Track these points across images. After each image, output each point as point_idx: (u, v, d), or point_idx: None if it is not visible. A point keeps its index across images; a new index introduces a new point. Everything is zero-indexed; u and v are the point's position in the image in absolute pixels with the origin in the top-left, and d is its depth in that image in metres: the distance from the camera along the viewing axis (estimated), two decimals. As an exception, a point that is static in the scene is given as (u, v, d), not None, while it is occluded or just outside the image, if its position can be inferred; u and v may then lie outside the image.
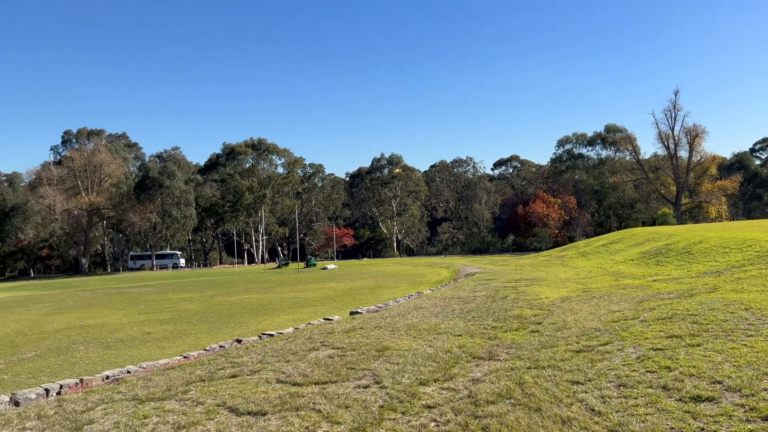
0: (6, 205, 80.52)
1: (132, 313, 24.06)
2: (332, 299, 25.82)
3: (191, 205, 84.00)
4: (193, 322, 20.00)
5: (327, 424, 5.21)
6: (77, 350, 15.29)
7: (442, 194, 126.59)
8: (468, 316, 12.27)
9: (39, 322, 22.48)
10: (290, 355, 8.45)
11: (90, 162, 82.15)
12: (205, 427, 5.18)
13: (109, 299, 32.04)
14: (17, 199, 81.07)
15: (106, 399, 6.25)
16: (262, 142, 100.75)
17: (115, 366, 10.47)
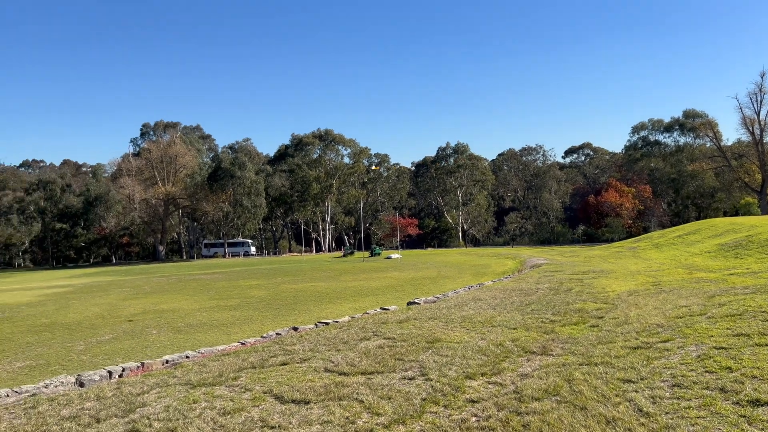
0: (90, 195, 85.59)
1: (203, 299, 25.07)
2: (394, 288, 25.94)
3: (261, 195, 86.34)
4: (260, 309, 20.63)
5: (367, 415, 5.23)
6: (150, 333, 16.07)
7: (510, 183, 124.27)
8: (527, 308, 12.01)
9: (117, 306, 23.79)
10: (341, 344, 8.55)
11: (166, 153, 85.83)
12: (249, 413, 5.32)
13: (182, 285, 33.51)
14: (100, 189, 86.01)
15: (162, 383, 6.53)
16: (329, 132, 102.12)
17: (184, 349, 10.90)
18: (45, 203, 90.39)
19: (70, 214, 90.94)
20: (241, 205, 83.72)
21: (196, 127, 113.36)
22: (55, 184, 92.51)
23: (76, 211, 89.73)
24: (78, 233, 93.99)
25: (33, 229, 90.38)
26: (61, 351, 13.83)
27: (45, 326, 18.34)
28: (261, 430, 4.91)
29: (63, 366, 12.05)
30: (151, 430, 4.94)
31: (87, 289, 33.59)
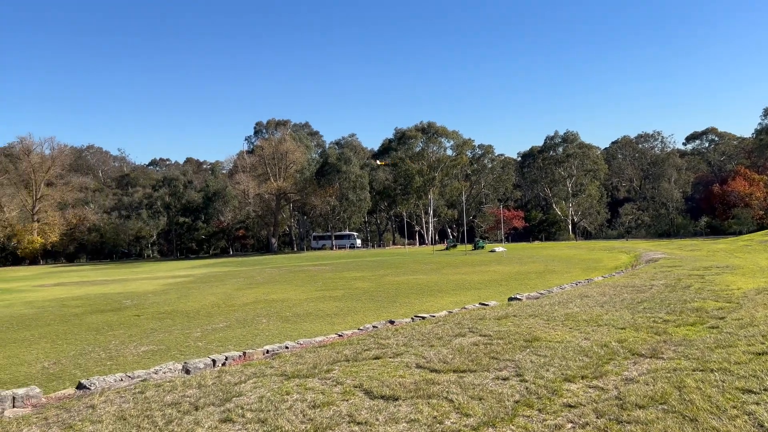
0: (209, 191, 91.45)
1: (310, 290, 25.93)
2: (497, 283, 25.40)
3: (366, 189, 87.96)
4: (363, 300, 21.00)
5: (456, 415, 5.08)
6: (260, 322, 16.81)
7: (625, 172, 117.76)
8: (638, 307, 11.25)
9: (231, 295, 25.15)
10: (435, 339, 8.43)
11: (277, 150, 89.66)
12: (338, 408, 5.35)
13: (291, 276, 34.87)
14: (218, 185, 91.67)
15: (259, 373, 6.75)
16: (431, 125, 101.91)
17: (291, 338, 11.26)
18: (170, 199, 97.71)
19: (191, 208, 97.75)
20: (347, 198, 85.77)
21: (304, 124, 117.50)
22: (179, 181, 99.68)
23: (197, 206, 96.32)
24: (199, 226, 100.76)
25: (160, 222, 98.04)
26: (180, 337, 14.76)
27: (167, 313, 19.73)
28: (348, 425, 4.91)
29: (181, 351, 12.84)
30: (243, 420, 5.10)
31: (205, 279, 35.82)
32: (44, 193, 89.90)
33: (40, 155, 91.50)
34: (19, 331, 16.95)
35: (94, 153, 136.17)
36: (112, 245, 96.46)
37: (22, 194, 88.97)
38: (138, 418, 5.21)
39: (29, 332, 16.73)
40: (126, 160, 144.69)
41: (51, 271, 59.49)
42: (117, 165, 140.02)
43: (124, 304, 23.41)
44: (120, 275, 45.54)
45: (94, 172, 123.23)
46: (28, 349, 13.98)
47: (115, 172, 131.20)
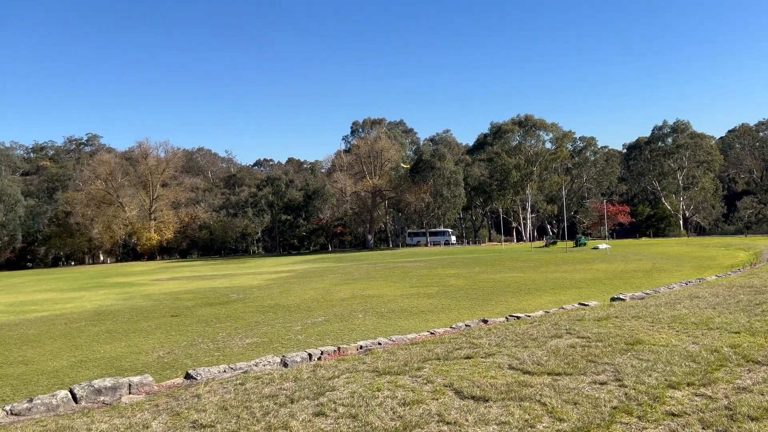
0: (309, 190, 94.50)
1: (404, 286, 26.14)
2: (599, 282, 24.37)
3: (460, 185, 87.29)
4: (457, 298, 20.88)
5: (548, 419, 4.94)
6: (357, 318, 17.18)
7: (743, 163, 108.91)
8: (755, 309, 10.39)
9: (330, 290, 25.87)
10: (529, 340, 8.22)
11: (373, 148, 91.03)
12: (428, 406, 5.37)
13: (387, 272, 35.31)
14: (317, 184, 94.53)
15: (351, 368, 6.90)
16: (528, 118, 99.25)
17: (386, 334, 11.42)
18: (273, 197, 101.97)
19: (293, 206, 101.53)
20: (441, 195, 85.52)
21: (399, 122, 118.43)
22: (281, 181, 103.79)
23: (298, 204, 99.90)
24: (300, 224, 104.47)
25: (264, 220, 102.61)
26: (282, 330, 15.38)
27: (270, 307, 20.64)
28: (437, 424, 4.92)
29: (282, 344, 13.38)
30: (335, 414, 5.24)
31: (306, 275, 37.07)
32: (160, 194, 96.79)
33: (156, 158, 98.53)
34: (139, 322, 18.39)
35: (203, 155, 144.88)
36: (220, 242, 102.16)
37: (140, 195, 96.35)
38: (238, 408, 5.50)
39: (147, 323, 18.10)
40: (233, 161, 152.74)
41: (166, 266, 63.99)
42: (225, 166, 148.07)
43: (231, 297, 24.74)
44: (228, 270, 48.16)
45: (204, 173, 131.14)
46: (146, 339, 15.14)
47: (223, 172, 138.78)
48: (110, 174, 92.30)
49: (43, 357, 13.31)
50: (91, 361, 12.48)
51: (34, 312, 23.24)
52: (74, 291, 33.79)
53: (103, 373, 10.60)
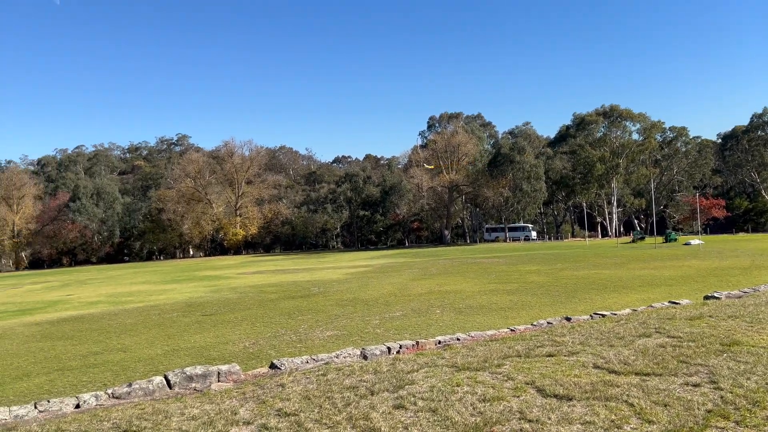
0: (386, 185, 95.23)
1: (483, 282, 25.82)
2: (692, 279, 23.06)
3: (541, 179, 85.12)
4: (538, 295, 20.40)
5: (637, 421, 4.74)
6: (434, 313, 17.16)
7: None
8: None
9: (407, 285, 25.97)
10: (615, 339, 7.91)
11: (449, 143, 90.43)
12: (509, 403, 5.28)
13: (464, 268, 35.00)
14: (394, 179, 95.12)
15: (430, 363, 6.90)
16: (614, 108, 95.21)
17: (464, 330, 11.35)
18: (351, 193, 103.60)
19: (370, 202, 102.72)
20: (521, 189, 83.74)
21: (477, 115, 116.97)
22: (359, 177, 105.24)
23: (376, 200, 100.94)
24: (377, 219, 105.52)
25: (343, 216, 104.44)
26: (360, 324, 15.62)
27: (349, 301, 21.00)
28: (518, 422, 4.84)
29: (361, 337, 13.59)
30: (414, 408, 5.26)
31: (383, 270, 37.40)
32: (245, 191, 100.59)
33: (241, 156, 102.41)
34: (226, 314, 19.23)
35: (285, 153, 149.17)
36: (301, 237, 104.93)
37: (227, 192, 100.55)
38: (320, 398, 5.64)
39: (233, 314, 18.90)
40: (313, 159, 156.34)
41: (251, 260, 66.46)
42: (305, 163, 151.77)
43: (312, 291, 25.37)
44: (308, 265, 49.40)
45: (285, 170, 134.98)
46: (232, 329, 15.81)
47: (304, 169, 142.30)
48: (199, 172, 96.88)
49: (139, 345, 14.20)
50: (182, 350, 13.18)
51: (131, 303, 24.82)
52: (167, 283, 35.78)
53: (193, 362, 11.16)
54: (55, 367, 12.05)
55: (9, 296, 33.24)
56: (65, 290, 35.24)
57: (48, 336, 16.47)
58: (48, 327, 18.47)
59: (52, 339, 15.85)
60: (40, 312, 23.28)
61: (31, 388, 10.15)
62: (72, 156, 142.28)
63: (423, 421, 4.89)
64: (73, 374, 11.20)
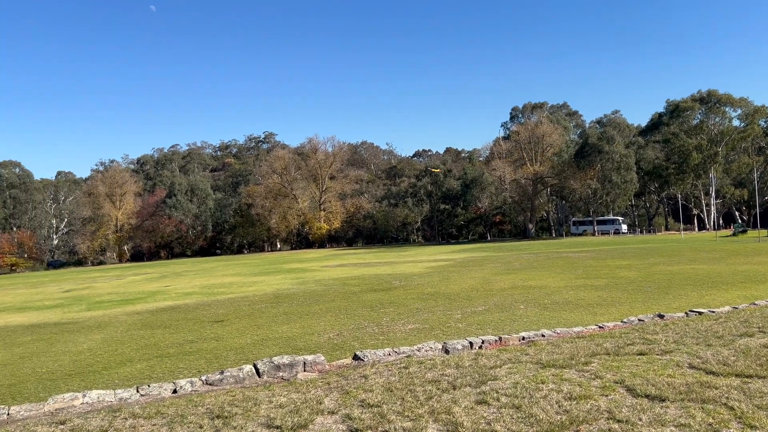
0: (467, 179, 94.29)
1: (569, 277, 25.01)
2: (802, 276, 21.30)
3: (632, 169, 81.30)
4: (629, 291, 19.52)
5: (737, 425, 4.45)
6: (518, 308, 16.80)
7: None
8: None
9: (489, 280, 25.59)
10: (714, 338, 7.44)
11: (533, 134, 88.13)
12: (596, 402, 5.10)
13: (549, 263, 34.04)
14: (475, 172, 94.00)
15: (514, 359, 6.79)
16: (712, 94, 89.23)
17: (549, 326, 11.09)
18: (432, 187, 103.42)
19: (451, 196, 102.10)
20: (610, 180, 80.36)
21: (562, 105, 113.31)
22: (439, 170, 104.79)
23: (456, 193, 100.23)
24: (458, 213, 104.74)
25: (423, 209, 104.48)
26: (442, 318, 15.56)
27: (430, 295, 20.97)
28: (606, 422, 4.66)
29: (443, 331, 13.54)
30: (497, 404, 5.20)
31: (464, 264, 37.07)
32: (328, 186, 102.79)
33: (325, 152, 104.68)
34: (311, 305, 19.75)
35: (366, 148, 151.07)
36: (383, 230, 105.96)
37: (311, 187, 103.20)
38: (402, 391, 5.69)
39: (318, 306, 19.38)
40: (393, 153, 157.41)
41: (334, 254, 67.88)
42: (386, 158, 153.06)
43: (393, 284, 25.57)
44: (389, 258, 49.80)
45: (367, 165, 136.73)
46: (317, 321, 16.22)
47: (385, 164, 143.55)
48: (285, 168, 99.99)
49: (230, 334, 14.86)
50: (270, 340, 13.68)
51: (223, 294, 26.01)
52: (255, 275, 37.21)
53: (281, 351, 11.56)
54: (155, 353, 12.84)
55: (113, 287, 35.74)
56: (163, 281, 37.46)
57: (148, 324, 17.58)
58: (148, 316, 19.72)
59: (152, 327, 16.90)
60: (140, 302, 24.89)
61: (134, 373, 10.86)
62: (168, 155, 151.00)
63: (506, 418, 4.83)
64: (171, 361, 11.89)
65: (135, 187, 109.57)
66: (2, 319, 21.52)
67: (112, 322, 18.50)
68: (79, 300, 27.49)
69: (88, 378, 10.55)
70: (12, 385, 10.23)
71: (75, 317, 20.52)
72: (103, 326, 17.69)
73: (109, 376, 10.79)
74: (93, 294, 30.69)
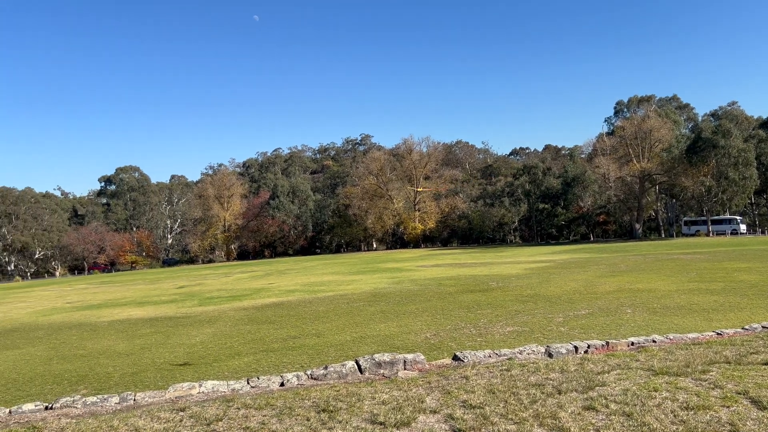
0: (568, 177, 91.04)
1: (680, 281, 23.51)
2: None
3: (751, 165, 75.04)
4: (749, 296, 18.06)
5: None
6: (625, 312, 16.04)
7: None
8: None
9: (593, 282, 24.56)
10: None
11: (640, 129, 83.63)
12: (716, 413, 4.76)
13: (658, 265, 32.13)
14: (577, 170, 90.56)
15: (623, 365, 6.47)
16: None
17: (659, 332, 10.53)
18: (530, 186, 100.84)
19: (550, 195, 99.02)
20: (726, 177, 74.59)
21: (672, 97, 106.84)
22: (537, 168, 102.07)
23: (556, 192, 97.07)
24: (558, 212, 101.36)
25: (520, 209, 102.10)
26: (543, 321, 15.15)
27: (529, 297, 20.46)
28: (728, 435, 4.35)
29: (543, 335, 13.17)
30: (606, 410, 4.98)
31: (565, 265, 35.81)
32: (422, 186, 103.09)
33: (419, 153, 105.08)
34: (408, 305, 19.89)
35: (461, 147, 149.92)
36: (478, 231, 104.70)
37: (406, 187, 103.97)
38: (505, 393, 5.60)
39: (414, 306, 19.49)
40: (489, 152, 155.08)
41: (429, 254, 67.91)
42: (481, 157, 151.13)
43: (490, 285, 25.19)
44: (486, 259, 49.10)
45: (462, 164, 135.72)
46: (414, 320, 16.32)
47: (480, 163, 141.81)
48: (380, 169, 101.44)
49: (330, 331, 15.29)
50: (368, 338, 13.93)
51: (323, 292, 26.80)
52: (353, 274, 38.01)
53: (379, 349, 11.74)
54: (260, 348, 13.47)
55: (222, 284, 37.84)
56: (267, 279, 39.17)
57: (254, 320, 18.46)
58: (254, 312, 20.71)
59: (257, 323, 17.73)
60: (247, 298, 26.17)
61: (242, 366, 11.45)
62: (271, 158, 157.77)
63: (616, 425, 4.62)
64: (275, 355, 12.42)
65: (241, 189, 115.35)
66: (125, 312, 23.43)
67: (221, 317, 19.60)
68: (192, 296, 29.37)
69: (200, 369, 11.24)
70: (134, 374, 11.11)
71: (188, 312, 21.96)
72: (213, 321, 18.79)
73: (219, 367, 11.44)
74: (204, 290, 32.68)
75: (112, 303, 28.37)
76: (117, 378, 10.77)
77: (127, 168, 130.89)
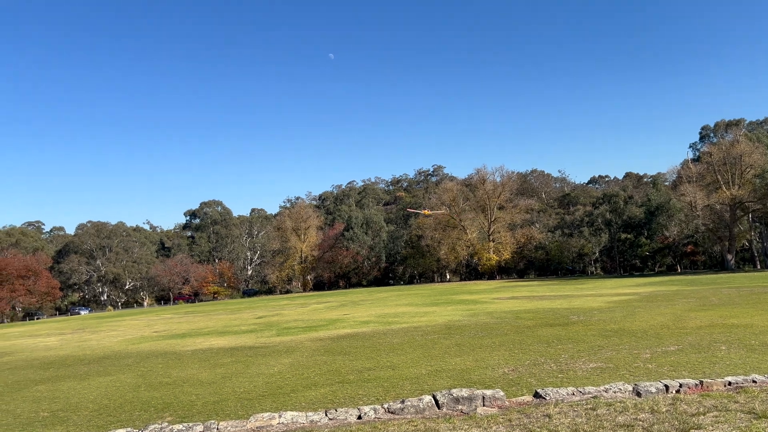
0: (651, 205, 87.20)
1: (784, 316, 21.82)
2: None
3: None
4: None
5: None
6: (718, 349, 15.04)
7: None
8: None
9: (682, 317, 23.21)
10: None
11: (729, 154, 79.33)
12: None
13: (755, 298, 30.00)
14: (660, 198, 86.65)
15: (720, 407, 6.02)
16: None
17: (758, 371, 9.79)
18: (610, 215, 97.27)
19: (633, 224, 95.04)
20: (830, 204, 69.16)
21: (763, 120, 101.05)
22: (618, 197, 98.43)
23: (639, 221, 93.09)
24: (642, 242, 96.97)
25: (601, 239, 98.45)
26: (628, 357, 14.42)
27: (613, 331, 19.56)
28: None
29: (630, 372, 12.53)
30: (704, 456, 4.65)
31: (651, 298, 34.08)
32: (497, 216, 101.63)
33: (493, 182, 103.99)
34: (484, 338, 19.47)
35: (537, 176, 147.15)
36: (556, 262, 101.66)
37: (479, 218, 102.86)
38: (590, 434, 5.34)
39: (491, 339, 19.05)
40: (566, 180, 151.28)
41: (505, 285, 66.47)
42: (558, 186, 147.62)
43: (570, 319, 24.29)
44: (565, 291, 47.49)
45: (537, 194, 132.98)
46: (490, 354, 15.93)
47: (557, 192, 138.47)
48: (453, 200, 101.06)
49: (405, 363, 15.17)
50: (444, 371, 13.70)
51: (397, 323, 26.72)
52: (427, 306, 37.73)
53: (455, 383, 11.51)
54: (336, 379, 13.53)
55: (299, 314, 38.54)
56: (342, 310, 39.55)
57: (329, 351, 18.62)
58: (329, 342, 20.90)
59: (333, 354, 17.87)
60: (323, 329, 26.49)
61: (318, 397, 11.53)
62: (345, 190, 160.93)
63: (716, 474, 4.29)
64: (351, 387, 12.43)
65: (317, 221, 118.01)
66: (207, 342, 24.26)
67: (298, 348, 19.91)
68: (270, 326, 30.06)
69: (278, 399, 11.41)
70: (216, 402, 11.42)
71: (267, 342, 22.46)
72: (291, 351, 19.10)
73: (297, 398, 11.57)
74: (281, 321, 33.39)
75: (195, 332, 29.48)
76: (200, 406, 11.10)
77: (210, 202, 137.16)
